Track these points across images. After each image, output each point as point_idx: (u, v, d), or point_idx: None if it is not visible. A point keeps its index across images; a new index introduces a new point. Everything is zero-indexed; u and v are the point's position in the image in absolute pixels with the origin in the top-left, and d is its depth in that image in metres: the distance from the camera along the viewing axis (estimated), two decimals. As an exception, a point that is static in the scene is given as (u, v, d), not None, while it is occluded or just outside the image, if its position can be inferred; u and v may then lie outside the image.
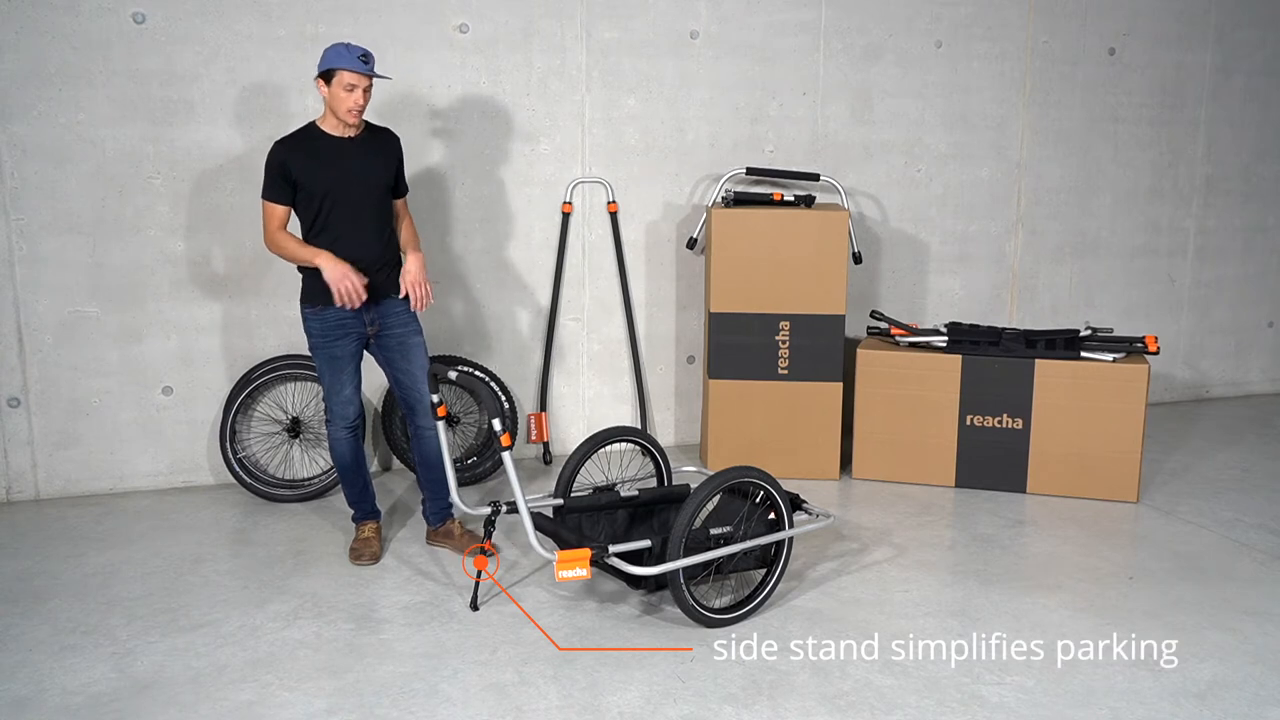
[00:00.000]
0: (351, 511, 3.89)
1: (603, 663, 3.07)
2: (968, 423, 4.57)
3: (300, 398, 4.59)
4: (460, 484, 4.10)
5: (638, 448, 3.96)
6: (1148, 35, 5.65)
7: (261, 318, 4.54)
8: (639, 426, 5.12)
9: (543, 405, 4.98)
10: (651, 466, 3.96)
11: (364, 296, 3.50)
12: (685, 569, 3.21)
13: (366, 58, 3.47)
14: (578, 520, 3.59)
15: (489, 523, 3.46)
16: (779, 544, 3.46)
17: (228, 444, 4.38)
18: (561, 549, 3.23)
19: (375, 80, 3.60)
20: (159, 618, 3.33)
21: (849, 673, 3.02)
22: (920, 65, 5.26)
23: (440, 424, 3.54)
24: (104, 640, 3.18)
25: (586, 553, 3.16)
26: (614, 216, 4.92)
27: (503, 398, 4.69)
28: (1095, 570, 3.75)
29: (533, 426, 4.92)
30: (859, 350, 4.67)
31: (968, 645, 3.18)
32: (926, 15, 5.22)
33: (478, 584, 3.43)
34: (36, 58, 4.11)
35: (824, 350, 4.65)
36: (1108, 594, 3.55)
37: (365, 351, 3.73)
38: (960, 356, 4.54)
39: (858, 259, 5.12)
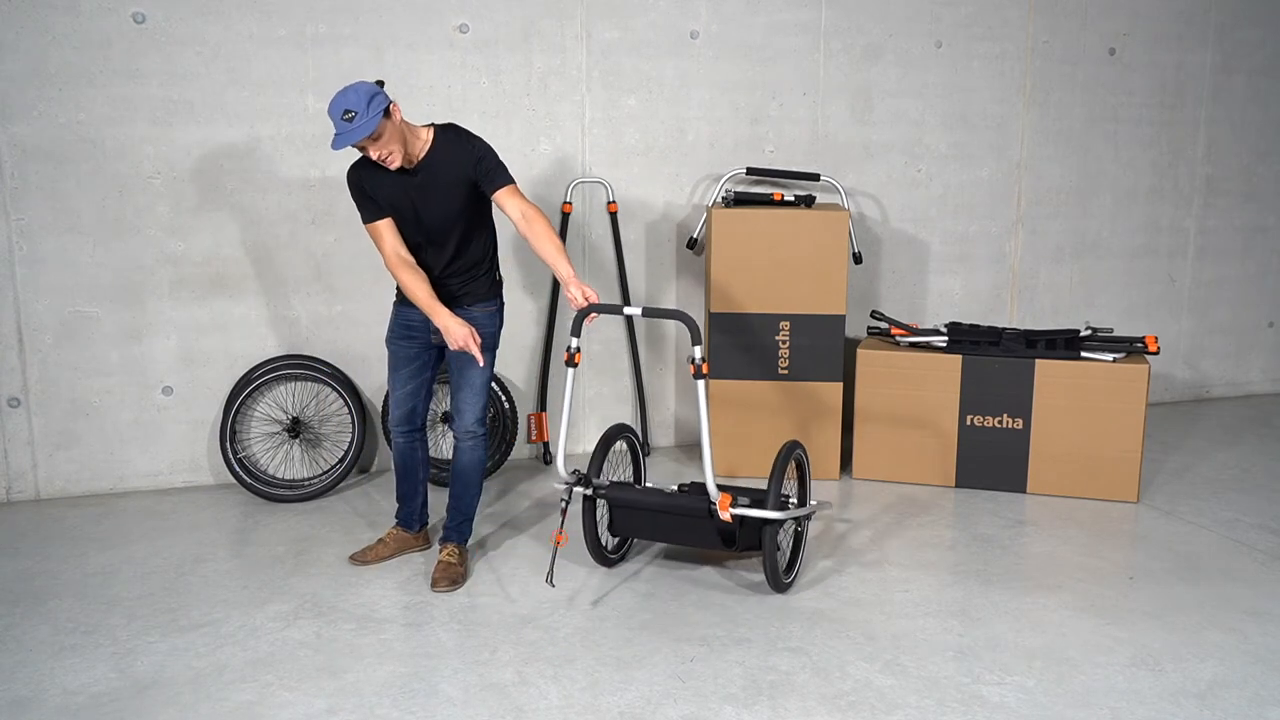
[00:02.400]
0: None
1: (603, 663, 3.07)
2: (968, 423, 4.57)
3: (300, 398, 4.59)
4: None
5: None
6: (1148, 35, 5.65)
7: (261, 318, 4.54)
8: (640, 427, 5.13)
9: (542, 405, 4.98)
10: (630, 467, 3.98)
11: (475, 347, 3.36)
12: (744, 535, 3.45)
13: (350, 111, 3.13)
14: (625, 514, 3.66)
15: (563, 499, 3.47)
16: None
17: (228, 444, 4.38)
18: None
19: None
20: (159, 618, 3.33)
21: (849, 673, 3.02)
22: (920, 65, 5.26)
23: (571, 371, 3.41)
24: (104, 640, 3.19)
25: (729, 497, 3.37)
26: (614, 216, 4.92)
27: (503, 397, 4.69)
28: (1095, 570, 3.75)
29: (533, 426, 4.92)
30: (859, 350, 4.67)
31: (968, 645, 3.18)
32: (926, 15, 5.22)
33: (554, 558, 3.47)
34: (36, 58, 4.11)
35: (824, 350, 4.65)
36: (1108, 594, 3.55)
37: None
38: (960, 356, 4.54)
39: (858, 259, 5.12)
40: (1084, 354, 4.44)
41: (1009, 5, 5.35)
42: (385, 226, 3.43)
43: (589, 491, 3.54)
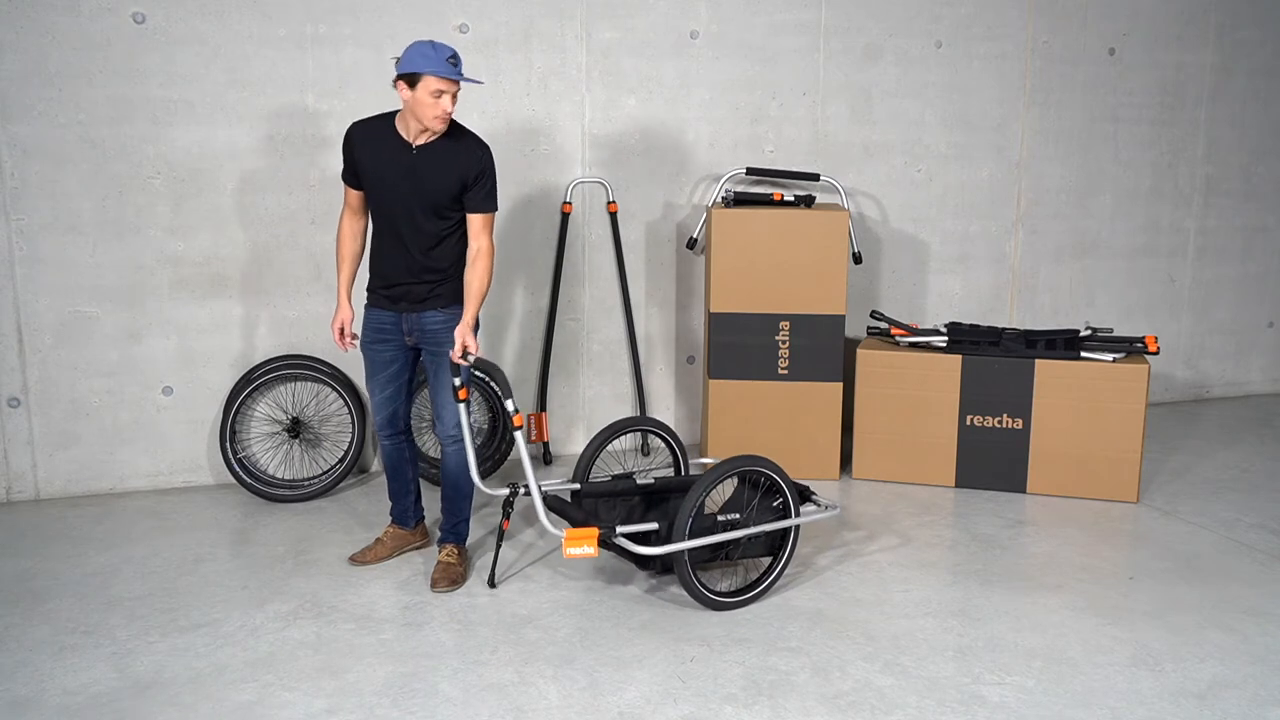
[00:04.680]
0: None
1: (603, 663, 3.07)
2: (968, 423, 4.57)
3: (300, 398, 4.59)
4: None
5: (659, 440, 3.99)
6: (1148, 35, 5.65)
7: (261, 318, 4.54)
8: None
9: (542, 405, 4.98)
10: (669, 458, 4.00)
11: (343, 348, 3.59)
12: (691, 552, 3.34)
13: (455, 59, 3.23)
14: (594, 505, 3.66)
15: (507, 503, 3.59)
16: (785, 533, 3.53)
17: (228, 444, 4.38)
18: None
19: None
20: (159, 618, 3.33)
21: (849, 673, 3.02)
22: (920, 65, 5.26)
23: (461, 406, 3.51)
24: (104, 640, 3.19)
25: (594, 531, 3.27)
26: (614, 216, 4.92)
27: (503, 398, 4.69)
28: (1095, 570, 3.75)
29: (533, 427, 4.92)
30: (859, 350, 4.67)
31: (968, 645, 3.18)
32: (926, 15, 5.23)
33: (496, 557, 3.62)
34: (36, 58, 4.11)
35: (824, 350, 4.65)
36: (1108, 594, 3.55)
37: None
38: (960, 356, 4.54)
39: (858, 259, 5.12)
40: (1084, 354, 4.44)
41: (1009, 5, 5.36)
42: (355, 197, 3.53)
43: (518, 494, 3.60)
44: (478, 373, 4.63)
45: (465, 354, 3.38)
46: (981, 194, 5.50)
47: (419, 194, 3.39)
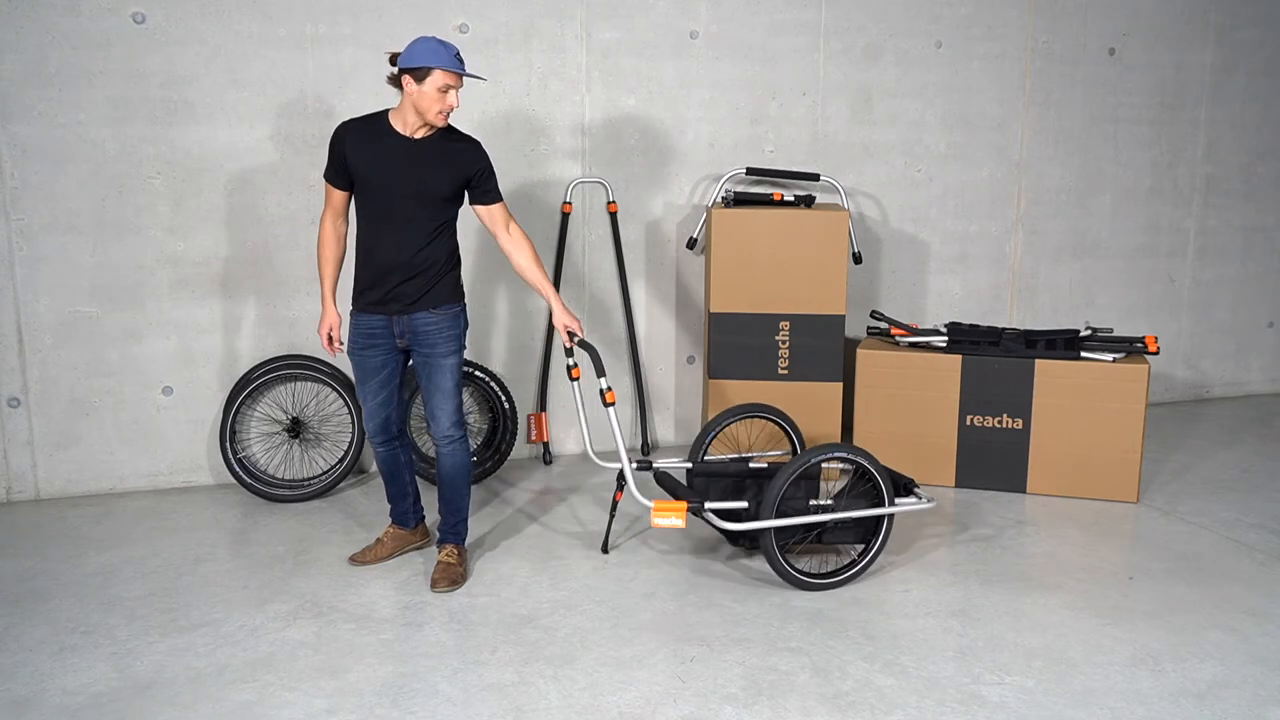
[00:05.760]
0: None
1: (603, 663, 3.07)
2: (968, 423, 4.57)
3: (300, 398, 4.59)
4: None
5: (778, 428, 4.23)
6: (1148, 35, 5.65)
7: (261, 318, 4.54)
8: (640, 427, 5.13)
9: (542, 405, 4.98)
10: (787, 444, 4.27)
11: (332, 352, 3.62)
12: (780, 533, 3.49)
13: (460, 56, 3.31)
14: (705, 484, 3.83)
15: (621, 476, 3.74)
16: (878, 521, 3.64)
17: (228, 444, 4.38)
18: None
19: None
20: (159, 618, 3.33)
21: (849, 673, 3.02)
22: (920, 65, 5.26)
23: (575, 385, 3.77)
24: (104, 640, 3.19)
25: (683, 504, 3.44)
26: (614, 216, 4.92)
27: (503, 397, 4.69)
28: (1095, 570, 3.75)
29: (533, 427, 4.92)
30: (859, 350, 4.67)
31: (968, 645, 3.18)
32: (926, 15, 5.23)
33: (610, 524, 3.89)
34: (36, 58, 4.11)
35: (824, 350, 4.65)
36: (1108, 594, 3.55)
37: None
38: (960, 356, 4.54)
39: (858, 259, 5.12)
40: (1084, 354, 4.44)
41: (1009, 5, 5.36)
42: (340, 198, 3.53)
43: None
44: (478, 374, 4.63)
45: (571, 335, 3.61)
46: (981, 194, 5.50)
47: (419, 187, 3.39)
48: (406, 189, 3.39)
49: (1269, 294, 6.22)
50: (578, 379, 3.71)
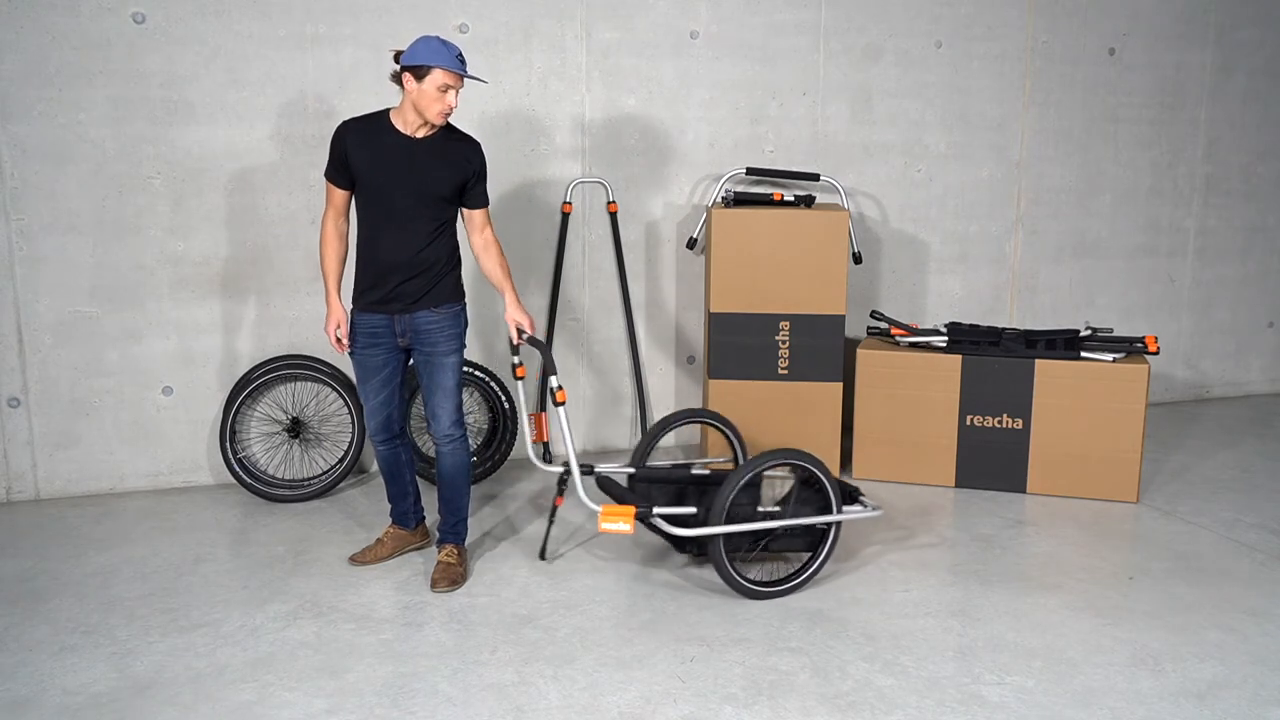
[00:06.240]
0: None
1: (603, 663, 3.07)
2: (968, 423, 4.57)
3: (300, 398, 4.59)
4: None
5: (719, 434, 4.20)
6: (1148, 35, 5.65)
7: (261, 318, 4.54)
8: (640, 427, 5.13)
9: (542, 405, 4.98)
10: (729, 452, 4.26)
11: (340, 350, 3.60)
12: (728, 540, 3.45)
13: (461, 57, 3.31)
14: (647, 489, 3.77)
15: (561, 481, 3.75)
16: (825, 529, 3.60)
17: (228, 444, 4.38)
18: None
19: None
20: (159, 618, 3.33)
21: (849, 673, 3.02)
22: (920, 65, 5.26)
23: (520, 383, 3.73)
24: (104, 640, 3.19)
25: (631, 509, 3.37)
26: (614, 216, 4.92)
27: (503, 397, 4.69)
28: (1095, 570, 3.75)
29: (533, 426, 4.91)
30: (859, 350, 4.67)
31: (968, 645, 3.18)
32: (926, 15, 5.23)
33: (549, 530, 3.88)
34: (36, 58, 4.11)
35: (824, 350, 4.65)
36: (1108, 594, 3.55)
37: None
38: (960, 356, 4.54)
39: (858, 259, 5.12)
40: (1084, 354, 4.44)
41: (1009, 5, 5.36)
42: (341, 197, 3.53)
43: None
44: (478, 374, 4.63)
45: (521, 332, 3.56)
46: (981, 194, 5.50)
47: (421, 185, 3.39)
48: (406, 188, 3.39)
49: (1269, 294, 6.22)
50: (522, 378, 3.68)
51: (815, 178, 5.04)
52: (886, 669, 3.04)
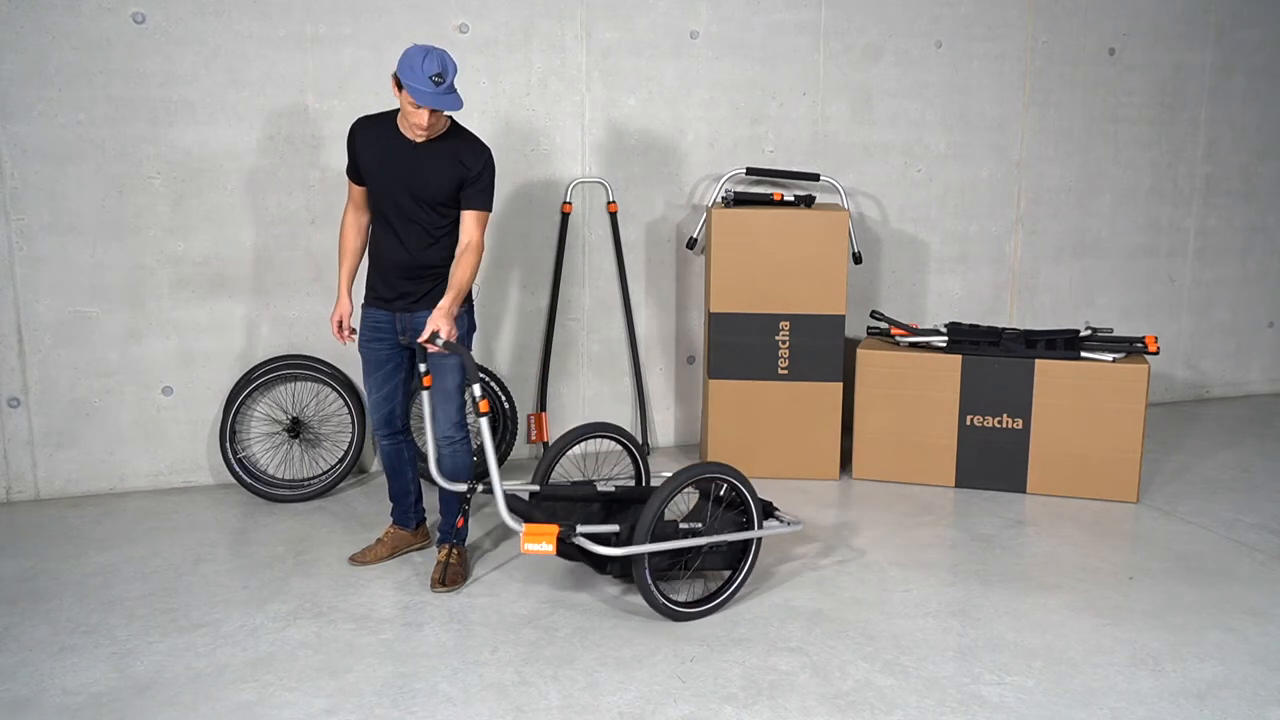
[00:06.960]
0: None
1: (603, 663, 3.07)
2: (968, 423, 4.57)
3: (300, 398, 4.59)
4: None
5: (622, 449, 3.94)
6: (1148, 35, 5.65)
7: (261, 318, 4.54)
8: (639, 427, 5.13)
9: (542, 405, 4.98)
10: (630, 467, 3.96)
11: (342, 340, 3.62)
12: (653, 561, 3.31)
13: (441, 76, 3.16)
14: (552, 507, 3.59)
15: (464, 499, 3.56)
16: (745, 547, 3.48)
17: (228, 444, 4.38)
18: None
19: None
20: (159, 618, 3.33)
21: (849, 673, 3.02)
22: (920, 65, 5.26)
23: (425, 394, 3.52)
24: (104, 640, 3.19)
25: (554, 528, 3.20)
26: (614, 216, 4.92)
27: (503, 397, 4.69)
28: (1095, 570, 3.75)
29: (532, 427, 4.92)
30: (859, 350, 4.67)
31: (968, 645, 3.18)
32: (926, 15, 5.23)
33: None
34: (36, 58, 4.11)
35: (824, 350, 4.65)
36: (1108, 594, 3.55)
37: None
38: (960, 356, 4.54)
39: (858, 259, 5.12)
40: (1084, 354, 4.44)
41: (1009, 5, 5.36)
42: (359, 192, 3.56)
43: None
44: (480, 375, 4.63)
45: (434, 337, 3.26)
46: (981, 194, 5.50)
47: (419, 189, 3.40)
48: (406, 190, 3.40)
49: (1269, 294, 6.22)
50: (429, 388, 3.50)
51: (815, 178, 5.04)
52: (886, 669, 3.04)
